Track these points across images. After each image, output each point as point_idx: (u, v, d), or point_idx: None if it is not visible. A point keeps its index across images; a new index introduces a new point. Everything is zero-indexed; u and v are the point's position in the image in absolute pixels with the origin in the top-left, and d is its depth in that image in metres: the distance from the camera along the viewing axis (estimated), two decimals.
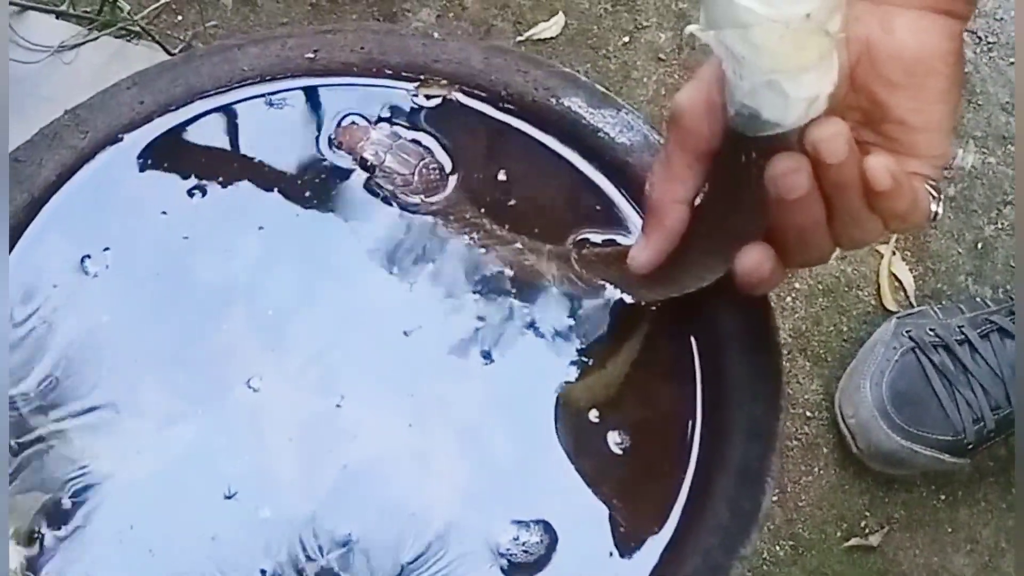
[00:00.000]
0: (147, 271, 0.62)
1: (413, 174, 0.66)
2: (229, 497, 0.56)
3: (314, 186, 0.66)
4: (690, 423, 0.61)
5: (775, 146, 0.47)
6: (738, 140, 0.49)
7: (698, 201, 0.55)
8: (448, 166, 0.67)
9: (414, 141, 0.67)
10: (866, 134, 0.51)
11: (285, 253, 0.63)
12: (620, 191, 0.67)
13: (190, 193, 0.65)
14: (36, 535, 0.54)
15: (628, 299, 0.63)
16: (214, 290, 0.62)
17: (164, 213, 0.64)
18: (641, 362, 0.63)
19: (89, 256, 0.62)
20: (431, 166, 0.66)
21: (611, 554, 0.56)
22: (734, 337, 0.61)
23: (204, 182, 0.65)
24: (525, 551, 0.55)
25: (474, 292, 0.63)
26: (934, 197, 0.52)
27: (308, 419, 0.58)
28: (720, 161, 0.52)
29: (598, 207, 0.67)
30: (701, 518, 0.56)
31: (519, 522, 0.56)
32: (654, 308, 0.63)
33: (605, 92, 0.69)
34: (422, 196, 0.66)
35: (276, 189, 0.65)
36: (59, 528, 0.55)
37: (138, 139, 0.65)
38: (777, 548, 1.10)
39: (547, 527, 0.56)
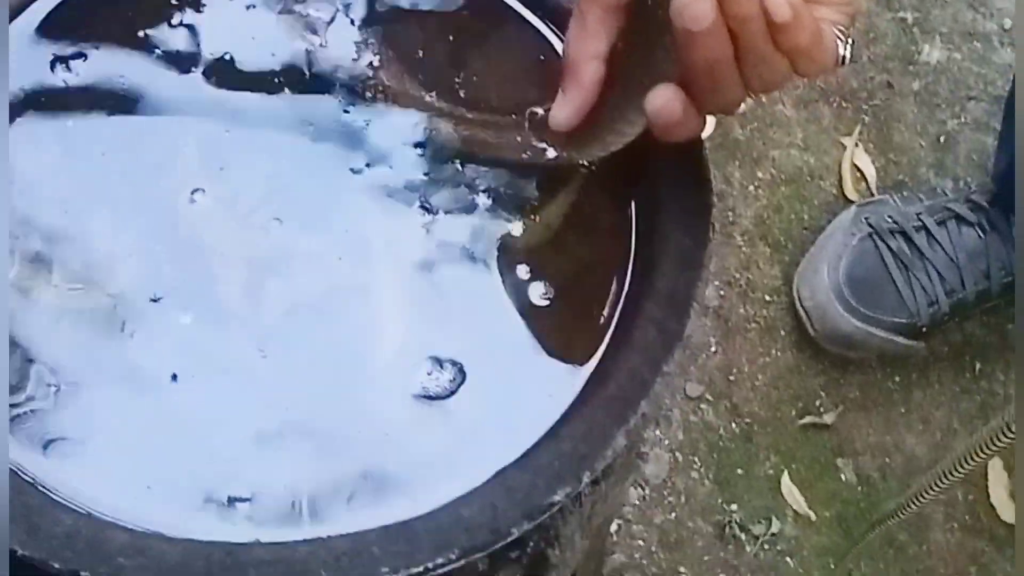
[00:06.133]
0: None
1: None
2: (155, 300, 0.57)
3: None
4: (622, 258, 0.63)
5: None
6: None
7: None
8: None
9: None
10: None
11: (244, 86, 0.64)
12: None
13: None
14: None
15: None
16: (171, 108, 0.62)
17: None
18: (578, 204, 0.64)
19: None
20: None
21: (536, 380, 0.58)
22: (667, 178, 0.63)
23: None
24: (438, 385, 0.57)
25: (418, 149, 0.64)
26: (842, 40, 0.53)
27: (243, 236, 0.59)
28: (630, 9, 0.53)
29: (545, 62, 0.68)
30: (628, 341, 0.58)
31: (435, 359, 0.58)
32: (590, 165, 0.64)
33: None
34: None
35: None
36: None
37: None
38: (733, 425, 1.12)
39: (461, 368, 0.58)
